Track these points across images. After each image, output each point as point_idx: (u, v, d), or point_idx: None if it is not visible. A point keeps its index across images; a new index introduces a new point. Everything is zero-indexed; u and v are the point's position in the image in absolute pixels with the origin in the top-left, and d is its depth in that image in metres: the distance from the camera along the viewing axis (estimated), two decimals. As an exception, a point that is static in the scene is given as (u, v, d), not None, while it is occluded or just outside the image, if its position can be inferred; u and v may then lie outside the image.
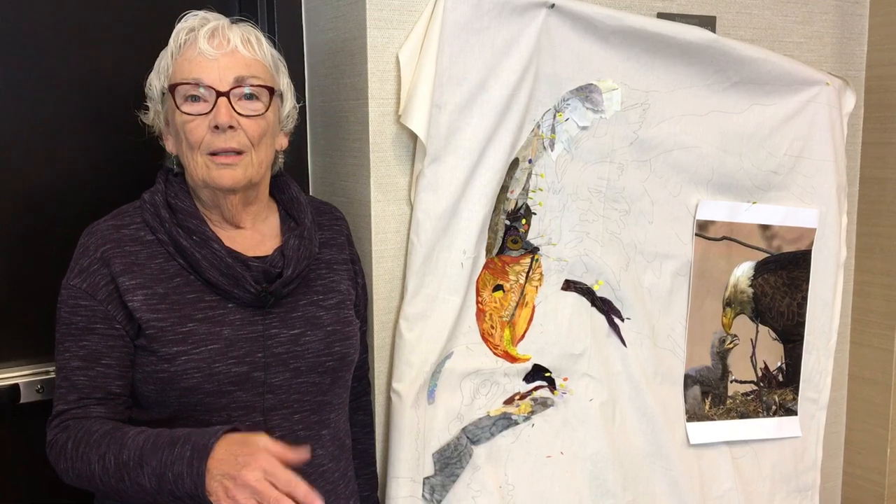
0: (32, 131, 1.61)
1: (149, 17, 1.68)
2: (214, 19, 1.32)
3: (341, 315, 1.40)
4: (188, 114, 1.28)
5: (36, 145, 1.62)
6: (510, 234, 1.69)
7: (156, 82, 1.34)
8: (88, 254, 1.29)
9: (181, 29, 1.32)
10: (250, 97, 1.30)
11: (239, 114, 1.28)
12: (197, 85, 1.27)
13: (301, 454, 1.12)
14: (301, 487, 1.08)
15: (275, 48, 1.38)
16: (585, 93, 1.70)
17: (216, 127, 1.27)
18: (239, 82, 1.28)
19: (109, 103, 1.65)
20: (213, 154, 1.29)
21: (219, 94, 1.27)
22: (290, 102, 1.40)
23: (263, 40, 1.35)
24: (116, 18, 1.66)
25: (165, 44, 1.34)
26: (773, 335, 1.97)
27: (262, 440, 1.11)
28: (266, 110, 1.31)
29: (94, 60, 1.65)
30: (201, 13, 1.33)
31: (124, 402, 1.30)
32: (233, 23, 1.34)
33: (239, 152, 1.29)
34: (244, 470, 1.08)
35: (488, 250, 1.68)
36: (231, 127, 1.27)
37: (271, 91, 1.32)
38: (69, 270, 1.30)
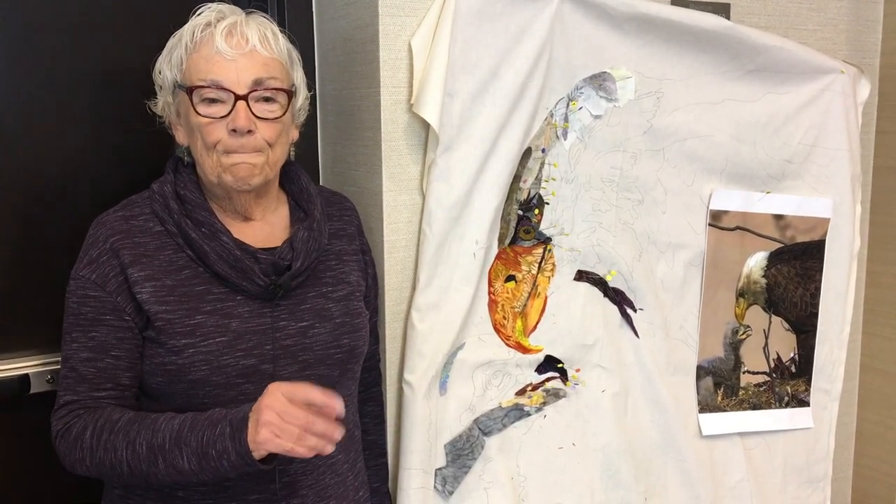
0: (40, 121, 1.60)
1: (159, 6, 1.66)
2: (231, 13, 1.30)
3: (350, 307, 1.39)
4: (205, 116, 1.26)
5: (43, 135, 1.60)
6: (523, 224, 1.68)
7: (167, 72, 1.31)
8: (98, 245, 1.28)
9: (197, 24, 1.29)
10: (268, 100, 1.29)
11: (257, 116, 1.27)
12: (215, 87, 1.25)
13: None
14: (314, 394, 1.15)
15: (289, 40, 1.36)
16: (599, 81, 1.69)
17: (234, 130, 1.26)
18: (257, 85, 1.27)
19: (118, 92, 1.64)
20: (229, 152, 1.28)
21: (237, 97, 1.25)
22: (302, 94, 1.38)
23: (280, 35, 1.33)
24: (126, 7, 1.64)
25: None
26: (786, 326, 1.95)
27: (270, 386, 1.17)
28: (283, 113, 1.30)
29: (103, 50, 1.63)
30: (216, 5, 1.31)
31: (133, 393, 1.29)
32: (247, 15, 1.31)
33: (256, 151, 1.28)
34: (262, 403, 1.14)
35: (501, 240, 1.67)
36: (249, 131, 1.26)
37: (289, 94, 1.31)
38: (78, 261, 1.29)
